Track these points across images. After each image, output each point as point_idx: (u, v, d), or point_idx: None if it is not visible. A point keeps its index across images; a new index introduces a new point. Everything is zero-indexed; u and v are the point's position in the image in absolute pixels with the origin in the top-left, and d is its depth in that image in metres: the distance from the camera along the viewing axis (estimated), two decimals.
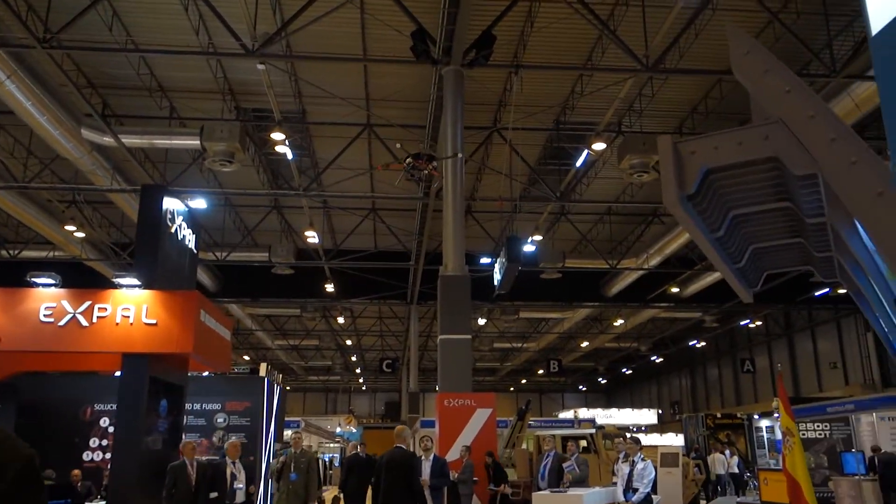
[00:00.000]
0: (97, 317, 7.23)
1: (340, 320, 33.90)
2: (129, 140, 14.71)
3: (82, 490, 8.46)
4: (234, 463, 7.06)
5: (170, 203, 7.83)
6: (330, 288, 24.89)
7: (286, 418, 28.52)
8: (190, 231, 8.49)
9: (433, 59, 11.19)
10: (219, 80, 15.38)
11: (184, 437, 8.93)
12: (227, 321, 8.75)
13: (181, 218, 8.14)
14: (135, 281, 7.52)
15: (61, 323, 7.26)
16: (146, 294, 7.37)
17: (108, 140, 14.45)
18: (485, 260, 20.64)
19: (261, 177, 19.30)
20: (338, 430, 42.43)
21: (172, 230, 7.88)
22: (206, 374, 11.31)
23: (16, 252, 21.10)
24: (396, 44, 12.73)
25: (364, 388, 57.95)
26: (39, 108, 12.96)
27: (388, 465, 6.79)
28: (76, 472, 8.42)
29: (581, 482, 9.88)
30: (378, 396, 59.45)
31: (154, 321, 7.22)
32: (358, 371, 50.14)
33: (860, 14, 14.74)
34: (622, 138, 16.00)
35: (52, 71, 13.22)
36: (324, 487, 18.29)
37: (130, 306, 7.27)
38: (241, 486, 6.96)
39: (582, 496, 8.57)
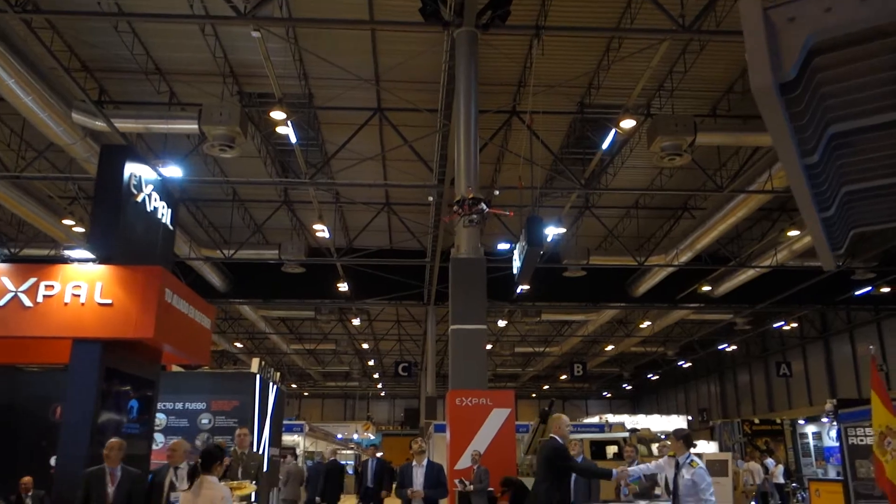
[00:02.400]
0: (43, 296, 6.14)
1: (356, 322, 32.86)
2: (124, 124, 13.84)
3: (33, 500, 7.39)
4: (176, 469, 5.88)
5: (135, 168, 6.77)
6: (343, 287, 23.85)
7: (289, 421, 27.40)
8: (164, 203, 7.42)
9: (444, 20, 10.07)
10: (218, 62, 14.44)
11: (163, 439, 7.88)
12: (207, 307, 7.64)
13: (151, 187, 7.07)
14: (88, 254, 6.45)
15: (0, 303, 6.21)
16: (100, 270, 6.28)
17: (100, 124, 13.58)
18: (503, 246, 19.36)
19: (268, 169, 18.37)
20: (355, 436, 41.72)
21: (139, 199, 6.82)
22: (198, 369, 10.25)
23: (16, 250, 20.36)
24: (405, 15, 11.68)
25: (383, 394, 56.92)
26: (24, 88, 12.08)
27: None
28: (26, 479, 7.35)
29: (644, 496, 8.44)
30: (397, 403, 58.44)
31: (109, 301, 6.14)
32: (376, 376, 49.11)
33: None
34: (651, 121, 14.81)
35: (41, 52, 12.39)
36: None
37: (82, 283, 6.19)
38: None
39: None
